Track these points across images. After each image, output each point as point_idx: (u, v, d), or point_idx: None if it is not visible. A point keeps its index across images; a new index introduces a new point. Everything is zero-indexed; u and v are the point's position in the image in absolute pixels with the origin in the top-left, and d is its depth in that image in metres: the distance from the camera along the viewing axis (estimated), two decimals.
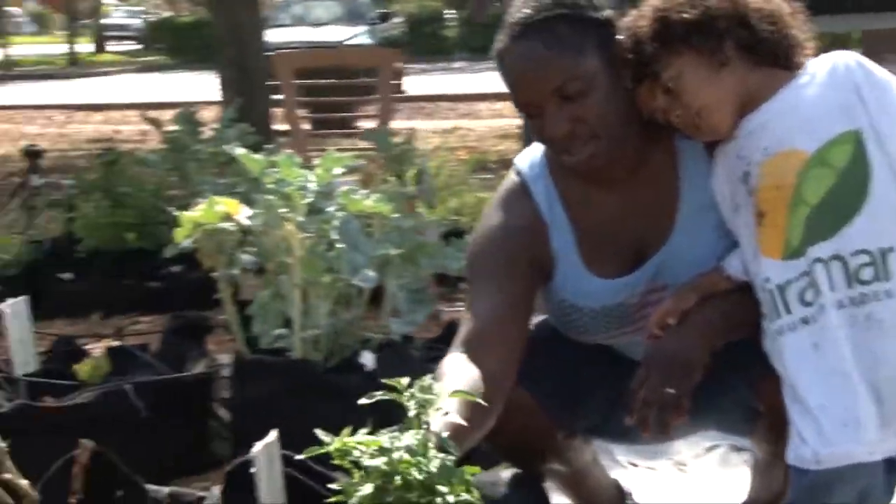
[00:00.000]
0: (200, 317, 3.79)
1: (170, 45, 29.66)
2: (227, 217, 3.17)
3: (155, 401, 3.18)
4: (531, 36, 2.15)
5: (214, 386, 3.40)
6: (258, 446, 2.12)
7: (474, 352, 2.15)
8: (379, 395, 1.80)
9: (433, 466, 1.75)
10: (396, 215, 3.24)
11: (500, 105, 13.69)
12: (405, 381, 1.84)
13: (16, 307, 3.31)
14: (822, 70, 2.13)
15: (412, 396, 1.78)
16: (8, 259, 5.15)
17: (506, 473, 2.50)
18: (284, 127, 9.08)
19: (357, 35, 18.56)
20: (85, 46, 33.53)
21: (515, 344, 2.22)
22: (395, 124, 12.68)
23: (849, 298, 2.02)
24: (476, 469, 1.81)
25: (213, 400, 3.38)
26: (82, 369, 3.28)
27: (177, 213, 3.23)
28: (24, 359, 3.34)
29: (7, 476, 2.15)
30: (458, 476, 1.77)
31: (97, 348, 3.82)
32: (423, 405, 1.79)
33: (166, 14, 36.01)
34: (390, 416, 1.88)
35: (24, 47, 34.86)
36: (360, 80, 6.86)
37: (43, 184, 5.72)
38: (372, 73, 5.79)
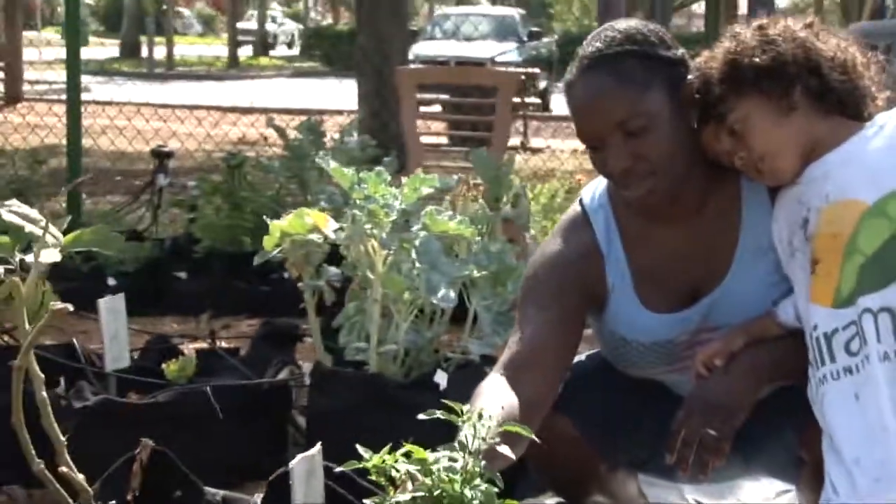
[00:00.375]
0: (291, 325, 3.86)
1: (325, 52, 30.24)
2: (315, 229, 3.23)
3: (234, 404, 3.25)
4: (599, 69, 2.18)
5: (295, 393, 3.47)
6: (297, 458, 2.16)
7: (513, 375, 2.18)
8: (438, 414, 1.84)
9: (477, 493, 1.79)
10: (478, 238, 3.25)
11: None
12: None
13: (111, 303, 3.43)
14: (890, 123, 2.12)
15: (469, 419, 1.80)
16: (129, 256, 5.31)
17: (550, 501, 2.50)
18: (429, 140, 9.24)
19: (506, 52, 18.64)
20: (247, 50, 34.43)
21: (556, 370, 2.25)
22: (536, 142, 12.84)
23: (894, 352, 1.99)
24: (514, 503, 1.84)
25: (292, 407, 3.44)
26: (170, 368, 3.38)
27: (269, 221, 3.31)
28: (117, 354, 3.45)
29: (63, 469, 2.22)
30: None
31: (192, 349, 3.93)
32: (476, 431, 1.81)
33: (326, 22, 36.75)
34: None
35: (189, 47, 35.95)
36: (478, 101, 6.92)
37: (168, 184, 5.89)
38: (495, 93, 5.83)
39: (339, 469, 2.18)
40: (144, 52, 29.07)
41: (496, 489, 1.82)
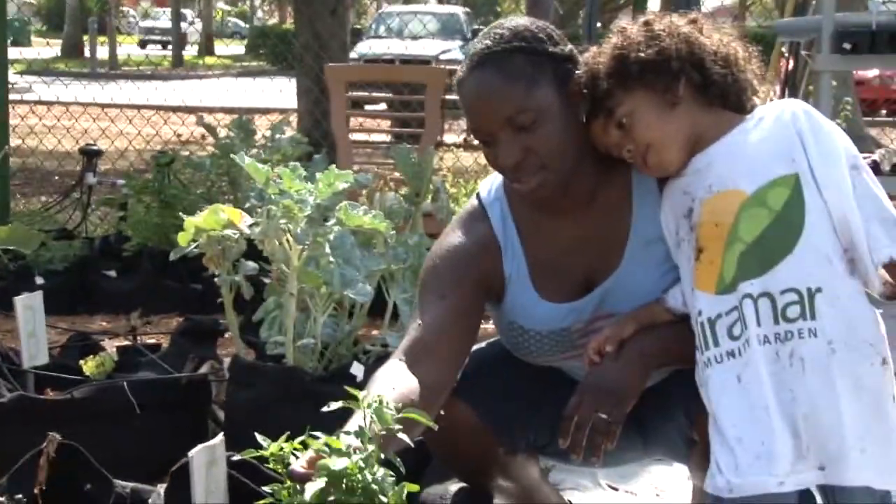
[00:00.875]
0: (211, 320, 3.88)
1: (271, 51, 30.13)
2: (230, 224, 3.25)
3: (152, 399, 3.27)
4: (488, 67, 2.21)
5: (215, 388, 3.49)
6: (196, 448, 2.18)
7: (412, 361, 2.22)
8: (337, 405, 1.89)
9: (377, 477, 1.84)
10: (392, 232, 3.29)
11: None
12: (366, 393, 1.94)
13: (28, 300, 3.43)
14: (769, 115, 2.18)
15: (369, 407, 1.85)
16: (58, 255, 5.30)
17: (454, 487, 2.55)
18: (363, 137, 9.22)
19: (450, 50, 18.65)
20: (191, 49, 34.22)
21: (454, 357, 2.29)
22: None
23: (774, 335, 2.06)
24: (415, 487, 1.89)
25: (211, 401, 3.46)
26: (87, 365, 3.39)
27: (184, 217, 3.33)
28: (35, 352, 3.45)
29: None
30: (396, 492, 1.85)
31: (113, 345, 3.94)
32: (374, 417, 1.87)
33: (273, 21, 36.61)
34: None
35: (133, 47, 35.65)
36: (409, 97, 6.96)
37: (97, 182, 5.87)
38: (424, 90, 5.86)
39: (237, 457, 2.22)
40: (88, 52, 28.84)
41: (393, 474, 1.87)
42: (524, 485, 2.53)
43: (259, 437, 2.14)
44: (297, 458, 2.03)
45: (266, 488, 2.00)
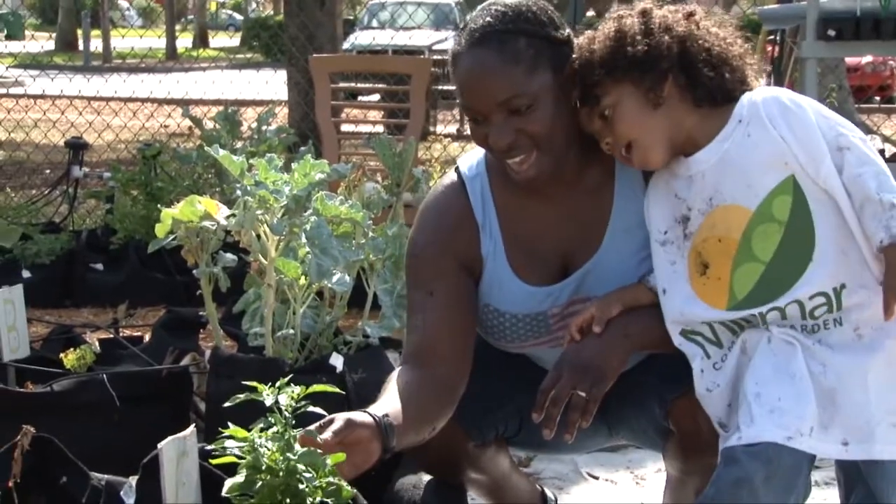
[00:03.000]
0: (193, 312, 3.88)
1: (265, 42, 30.07)
2: (207, 216, 3.25)
3: (133, 392, 3.27)
4: (488, 45, 2.19)
5: (196, 380, 3.49)
6: (166, 440, 2.19)
7: (420, 364, 2.25)
8: (242, 397, 1.92)
9: (295, 455, 1.88)
10: (370, 222, 3.29)
11: None
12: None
13: (8, 294, 3.43)
14: (751, 118, 2.14)
15: (271, 395, 1.88)
16: (45, 248, 5.30)
17: (428, 476, 2.55)
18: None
19: (443, 40, 18.62)
20: (185, 41, 34.15)
21: (461, 348, 2.30)
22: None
23: (801, 326, 2.11)
24: (341, 456, 1.92)
25: (193, 393, 3.46)
26: (68, 358, 3.39)
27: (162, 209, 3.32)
28: (16, 345, 3.45)
29: None
30: (320, 463, 1.88)
31: (95, 338, 3.94)
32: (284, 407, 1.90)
33: (267, 13, 36.54)
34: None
35: (127, 40, 35.58)
36: (393, 88, 6.96)
37: (84, 175, 5.87)
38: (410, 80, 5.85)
39: (209, 447, 2.23)
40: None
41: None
42: (495, 477, 2.53)
43: (231, 427, 2.16)
44: (267, 449, 2.07)
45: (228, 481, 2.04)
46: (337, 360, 3.26)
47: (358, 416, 2.05)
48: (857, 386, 2.06)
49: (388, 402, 2.14)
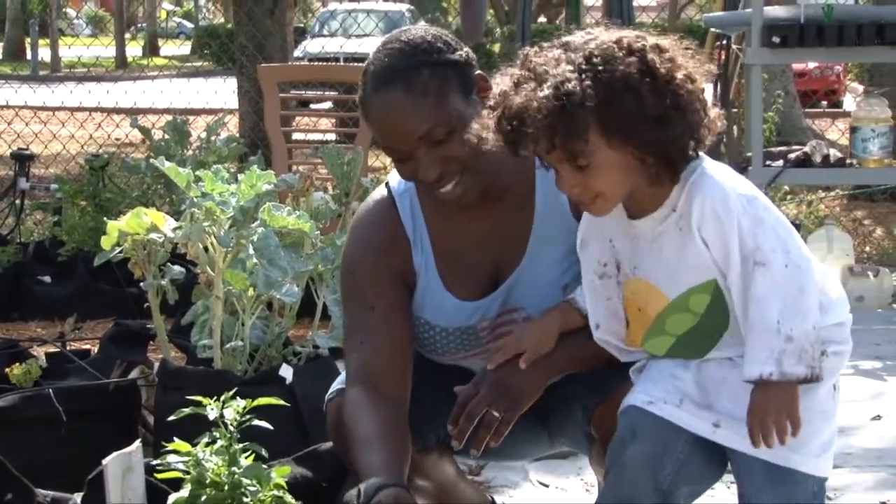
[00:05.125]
0: (141, 325, 3.85)
1: (215, 51, 29.95)
2: (154, 228, 3.23)
3: (80, 406, 3.25)
4: (394, 85, 2.18)
5: (145, 393, 3.47)
6: (111, 456, 2.18)
7: (374, 386, 2.26)
8: (187, 411, 1.92)
9: (240, 469, 1.89)
10: (317, 232, 3.29)
11: None
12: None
13: None
14: (686, 216, 2.05)
15: (215, 409, 1.89)
16: None
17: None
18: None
19: None
20: (135, 50, 33.92)
21: (407, 362, 2.32)
22: None
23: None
24: (286, 469, 1.93)
25: (141, 406, 3.44)
26: (13, 373, 3.36)
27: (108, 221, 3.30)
28: None
29: None
30: (264, 476, 1.89)
31: (41, 352, 3.90)
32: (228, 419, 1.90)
33: (218, 21, 36.40)
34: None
35: (76, 49, 35.29)
36: (342, 97, 6.96)
37: (31, 187, 5.82)
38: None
39: (155, 462, 2.23)
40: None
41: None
42: (440, 482, 2.54)
43: (175, 442, 2.16)
44: (212, 463, 2.07)
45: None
46: (287, 372, 3.25)
47: (399, 496, 2.08)
48: (743, 388, 2.04)
49: (389, 460, 2.17)
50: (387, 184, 2.40)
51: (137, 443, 2.30)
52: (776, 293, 1.98)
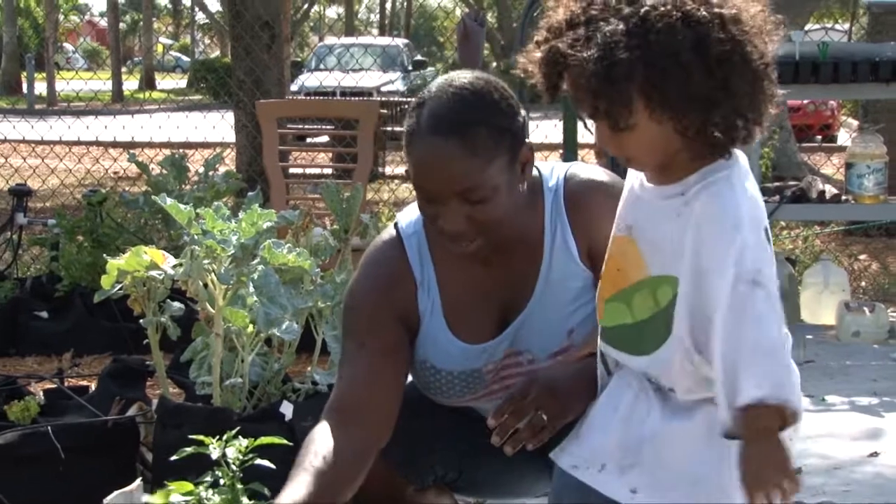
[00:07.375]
0: (140, 361, 3.86)
1: (212, 85, 30.04)
2: (154, 266, 3.24)
3: (79, 443, 3.25)
4: (449, 134, 2.14)
5: (143, 430, 3.46)
6: (113, 495, 2.18)
7: (340, 423, 2.21)
8: (189, 451, 1.92)
9: None
10: (318, 269, 3.30)
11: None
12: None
13: None
14: (699, 199, 1.95)
15: (217, 449, 1.89)
16: None
17: None
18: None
19: (391, 82, 18.71)
20: (132, 84, 34.03)
21: (387, 404, 2.27)
22: None
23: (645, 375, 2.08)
24: None
25: (140, 443, 3.44)
26: (11, 410, 3.35)
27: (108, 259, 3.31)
28: None
29: None
30: None
31: (40, 388, 3.90)
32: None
33: (215, 55, 36.53)
34: None
35: (73, 83, 35.39)
36: (340, 132, 7.00)
37: (28, 222, 5.82)
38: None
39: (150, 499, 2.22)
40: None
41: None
42: None
43: (175, 483, 2.16)
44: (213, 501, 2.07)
45: None
46: (286, 408, 3.25)
47: None
48: (667, 446, 2.01)
49: (303, 495, 2.11)
50: (395, 224, 2.40)
51: (138, 481, 2.30)
52: (775, 317, 1.89)
